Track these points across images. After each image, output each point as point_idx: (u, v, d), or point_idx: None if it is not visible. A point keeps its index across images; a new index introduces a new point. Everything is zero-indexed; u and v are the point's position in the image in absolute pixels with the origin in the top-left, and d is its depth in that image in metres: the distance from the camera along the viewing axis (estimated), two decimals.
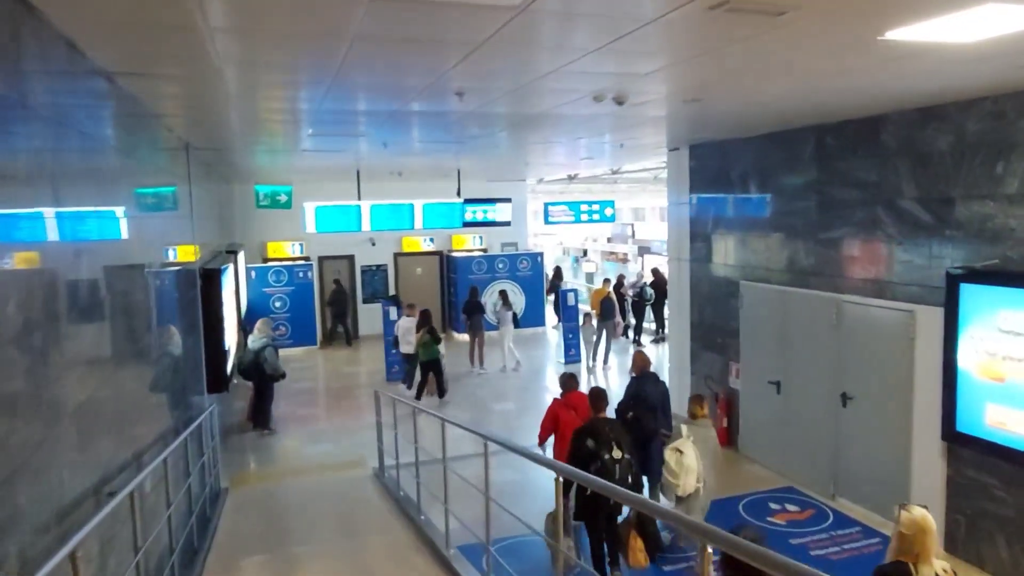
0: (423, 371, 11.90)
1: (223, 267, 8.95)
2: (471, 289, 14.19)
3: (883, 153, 6.60)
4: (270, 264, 16.24)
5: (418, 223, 12.88)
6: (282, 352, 16.03)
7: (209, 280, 8.15)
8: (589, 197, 19.45)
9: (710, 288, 9.44)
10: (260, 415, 10.36)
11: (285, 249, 16.96)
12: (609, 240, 55.23)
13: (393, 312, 13.32)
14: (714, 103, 5.55)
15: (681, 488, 5.85)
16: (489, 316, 15.04)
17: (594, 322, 13.74)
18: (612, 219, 18.70)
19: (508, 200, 13.51)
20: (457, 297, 17.37)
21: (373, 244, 17.55)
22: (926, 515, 3.24)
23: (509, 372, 13.60)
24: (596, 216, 18.30)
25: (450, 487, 6.08)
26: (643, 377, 7.19)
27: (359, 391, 12.87)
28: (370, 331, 17.49)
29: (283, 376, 10.31)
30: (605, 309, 13.45)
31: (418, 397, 11.97)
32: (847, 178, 7.06)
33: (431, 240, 18.10)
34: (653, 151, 10.36)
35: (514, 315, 13.80)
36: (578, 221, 18.42)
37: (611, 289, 14.30)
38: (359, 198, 12.55)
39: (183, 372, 6.65)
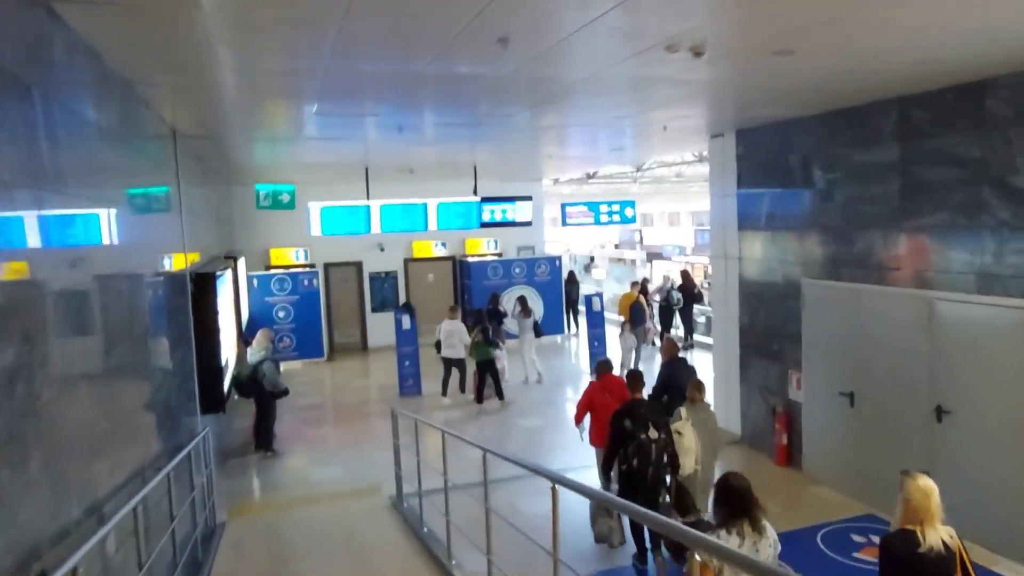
0: (479, 373, 11.33)
1: (218, 272, 7.99)
2: (491, 296, 13.19)
3: (990, 123, 5.59)
4: (273, 272, 15.29)
5: (432, 224, 11.90)
6: (286, 365, 15.12)
7: (201, 286, 7.19)
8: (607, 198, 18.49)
9: (764, 288, 8.42)
10: (261, 436, 9.37)
11: (289, 256, 16.02)
12: (617, 246, 54.41)
13: (406, 321, 12.33)
14: (807, 57, 4.55)
15: (680, 470, 5.96)
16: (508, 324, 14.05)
17: (625, 329, 12.68)
18: (633, 220, 17.69)
19: (528, 198, 12.55)
20: (472, 304, 16.38)
21: (382, 249, 16.60)
22: (929, 482, 3.34)
23: (532, 384, 12.58)
24: (616, 217, 17.38)
25: (480, 519, 5.08)
26: (674, 362, 7.58)
27: (370, 407, 11.87)
28: (380, 342, 16.52)
29: (284, 393, 9.33)
30: (635, 315, 12.44)
31: (478, 400, 11.31)
32: (940, 155, 6.05)
33: (443, 245, 17.14)
34: (692, 138, 9.38)
35: (535, 323, 12.78)
36: (597, 223, 17.48)
37: (640, 293, 13.26)
38: (368, 197, 11.59)
39: (168, 391, 5.67)
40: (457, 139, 8.87)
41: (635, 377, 6.32)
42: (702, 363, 11.05)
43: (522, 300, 12.93)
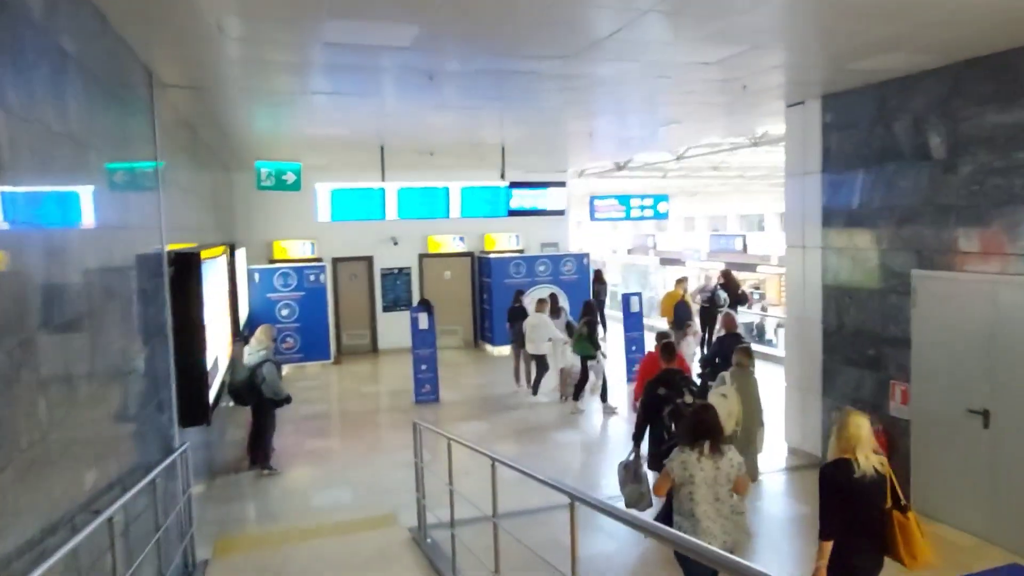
0: (583, 367, 10.31)
1: (206, 255, 6.68)
2: (516, 293, 11.84)
3: None
4: (276, 265, 13.99)
5: (455, 211, 10.57)
6: (290, 369, 13.84)
7: (183, 270, 5.87)
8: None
9: (857, 282, 7.05)
10: (257, 450, 8.04)
11: (294, 249, 14.73)
12: (629, 251, 53.06)
13: (423, 320, 10.99)
14: None
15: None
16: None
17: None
18: (666, 216, 16.46)
19: (561, 184, 11.23)
20: (492, 304, 15.07)
21: (395, 244, 15.32)
22: (861, 416, 3.89)
23: (561, 397, 11.20)
24: (648, 212, 16.16)
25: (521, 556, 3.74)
26: (729, 337, 7.93)
27: (382, 416, 10.54)
28: (393, 344, 15.22)
29: (287, 400, 7.99)
30: (679, 315, 11.08)
31: (576, 398, 10.29)
32: None
33: (461, 239, 15.83)
34: (764, 107, 8.01)
35: (568, 324, 11.39)
36: (628, 217, 16.27)
37: (684, 292, 11.89)
38: (383, 179, 10.28)
39: (129, 399, 4.36)
40: (485, 100, 7.51)
41: (668, 347, 6.74)
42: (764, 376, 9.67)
43: (553, 298, 11.57)
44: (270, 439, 8.08)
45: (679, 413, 5.48)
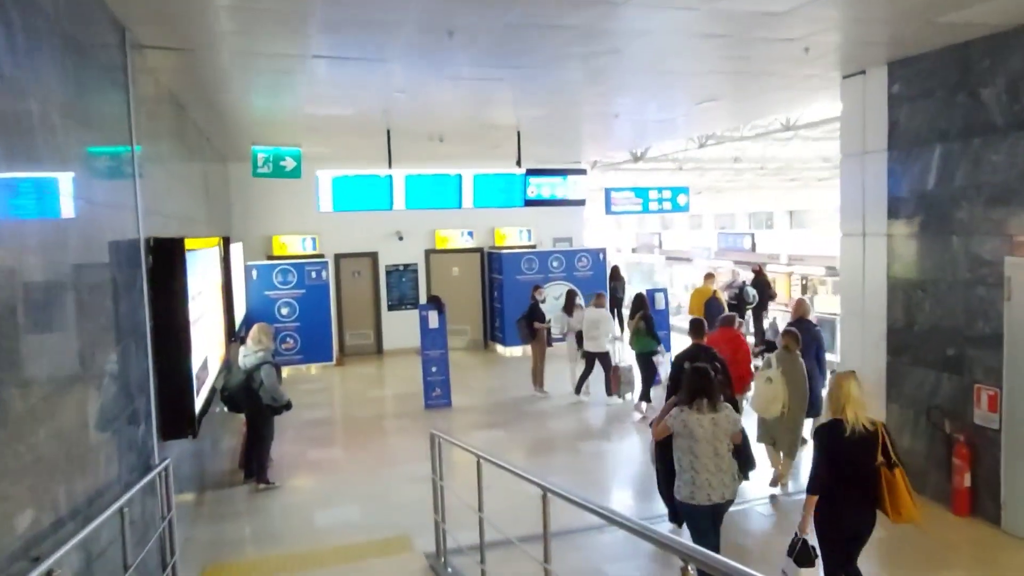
0: (643, 366, 9.55)
1: (192, 244, 5.88)
2: (534, 288, 11.00)
3: None
4: (275, 262, 13.17)
5: (467, 200, 9.75)
6: (290, 371, 13.00)
7: (165, 260, 5.06)
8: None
9: (932, 274, 6.22)
10: (253, 461, 7.22)
11: (294, 245, 13.91)
12: (634, 250, 52.24)
13: (434, 318, 10.17)
14: None
15: (766, 412, 6.54)
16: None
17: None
18: (685, 208, 15.55)
19: (582, 171, 10.40)
20: (503, 302, 14.24)
21: (401, 239, 14.51)
22: (848, 376, 4.25)
23: (581, 398, 10.37)
24: (667, 204, 15.25)
25: None
26: (799, 323, 7.62)
27: (390, 423, 9.72)
28: (398, 344, 14.40)
29: (287, 407, 7.16)
30: (711, 313, 10.22)
31: (645, 399, 9.43)
32: None
33: (470, 234, 15.00)
34: (819, 77, 7.18)
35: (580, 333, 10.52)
36: (646, 210, 15.39)
37: (716, 288, 11.04)
38: (390, 166, 9.46)
39: (97, 409, 3.54)
40: (505, 69, 6.69)
41: (699, 325, 6.99)
42: None
43: (571, 294, 10.72)
44: (268, 449, 7.25)
45: None
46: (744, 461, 4.93)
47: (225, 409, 7.22)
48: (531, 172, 10.04)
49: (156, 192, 5.68)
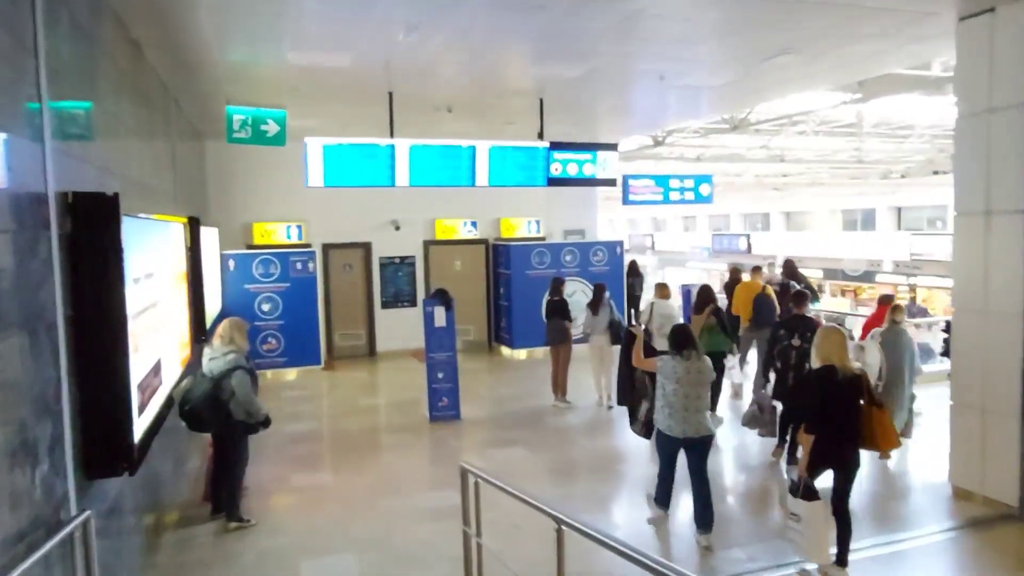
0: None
1: (143, 218, 4.45)
2: (553, 282, 9.56)
3: None
4: (256, 251, 11.66)
5: (482, 177, 8.33)
6: (271, 376, 11.50)
7: (92, 222, 3.60)
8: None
9: None
10: (223, 491, 5.72)
11: (277, 234, 12.42)
12: (627, 251, 51.01)
13: (440, 315, 8.71)
14: None
15: None
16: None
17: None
18: (709, 199, 14.23)
19: (612, 147, 9.00)
20: (511, 299, 12.82)
21: (397, 228, 13.06)
22: (834, 329, 4.83)
23: (604, 409, 8.96)
24: (689, 195, 13.94)
25: None
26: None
27: (390, 438, 8.23)
28: (393, 346, 12.96)
29: (265, 424, 5.66)
30: (760, 311, 8.85)
31: (711, 408, 7.75)
32: None
33: (473, 224, 13.56)
34: (929, 24, 5.83)
35: (613, 322, 9.11)
36: (667, 201, 14.05)
37: (766, 283, 9.65)
38: (392, 134, 8.01)
39: None
40: (530, 10, 5.30)
41: (800, 295, 7.10)
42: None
43: (600, 289, 9.29)
44: (241, 477, 5.76)
45: (784, 355, 6.67)
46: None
47: (185, 427, 5.70)
48: (555, 146, 8.64)
49: (88, 137, 4.22)
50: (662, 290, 9.12)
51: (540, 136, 8.76)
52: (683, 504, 5.72)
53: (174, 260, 5.98)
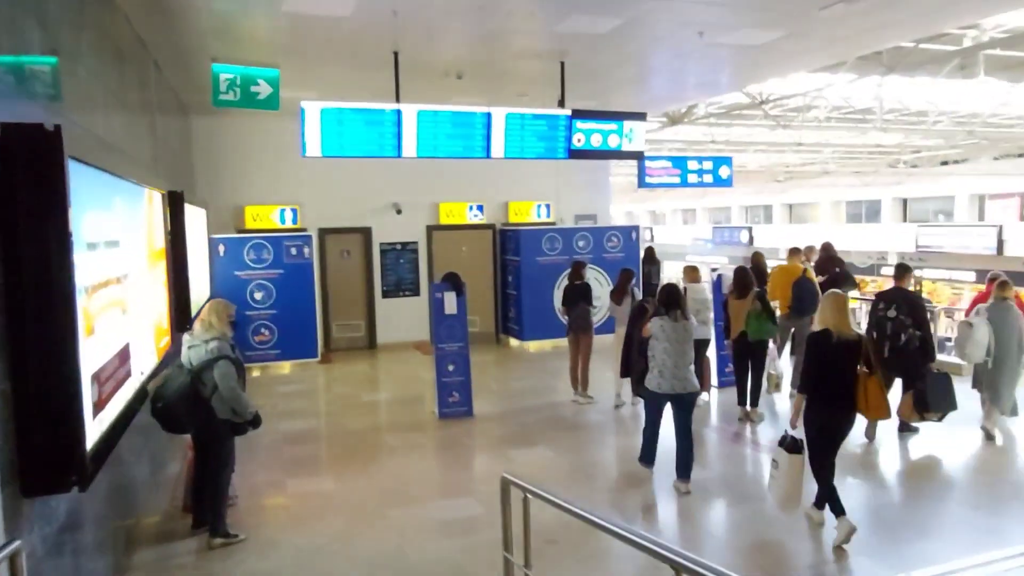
0: (754, 356, 7.56)
1: (108, 170, 3.63)
2: (574, 265, 8.73)
3: None
4: (247, 235, 10.82)
5: (497, 147, 7.51)
6: (261, 370, 10.70)
7: (25, 164, 2.77)
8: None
9: None
10: (208, 502, 4.88)
11: (271, 218, 11.57)
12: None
13: (450, 302, 7.89)
14: None
15: (962, 356, 6.91)
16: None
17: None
18: (728, 182, 13.51)
19: (642, 117, 8.18)
20: (520, 287, 12.01)
21: (399, 212, 12.21)
22: (835, 295, 4.90)
23: (627, 407, 8.13)
24: (708, 177, 13.29)
25: None
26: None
27: (396, 438, 7.38)
28: (395, 337, 12.15)
29: (254, 423, 4.82)
30: (802, 297, 8.05)
31: (753, 404, 7.59)
32: None
33: (480, 208, 12.73)
34: None
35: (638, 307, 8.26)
36: (684, 183, 13.32)
37: (810, 266, 8.82)
38: (397, 99, 7.18)
39: None
40: None
41: (903, 268, 7.00)
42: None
43: (627, 276, 8.45)
44: (226, 485, 4.93)
45: (880, 325, 6.62)
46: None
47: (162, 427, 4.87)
48: (578, 114, 7.83)
49: (39, 80, 3.39)
50: (692, 273, 8.37)
51: (561, 104, 7.94)
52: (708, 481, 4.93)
53: (149, 232, 5.16)
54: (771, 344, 8.07)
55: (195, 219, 9.28)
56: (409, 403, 8.74)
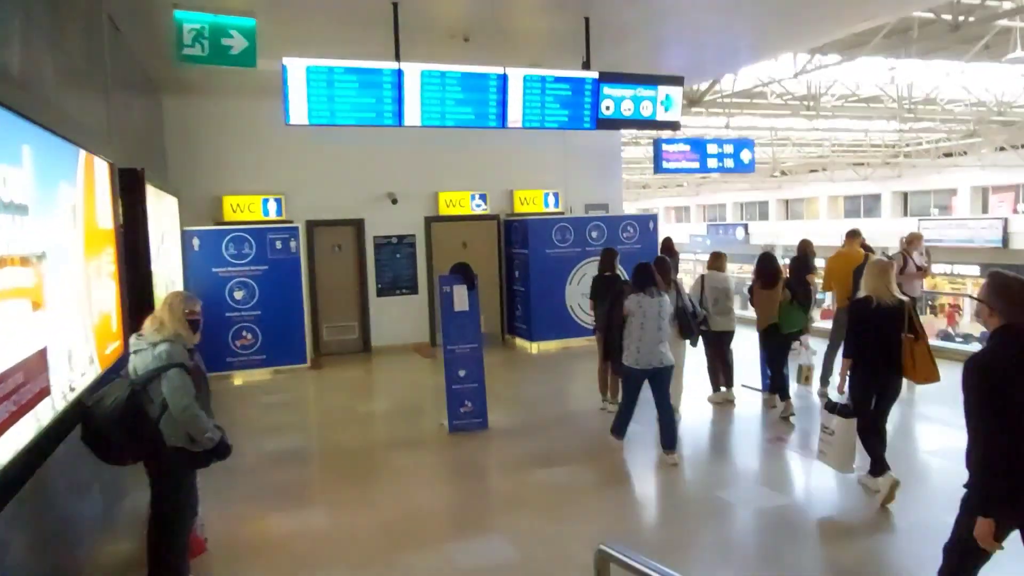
0: (778, 349, 6.99)
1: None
2: (604, 254, 7.61)
3: None
4: (227, 228, 9.66)
5: (514, 116, 6.43)
6: (249, 377, 9.54)
7: None
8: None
9: None
10: (163, 552, 3.72)
11: (253, 209, 10.44)
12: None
13: (461, 296, 6.76)
14: None
15: None
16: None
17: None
18: (750, 167, 12.55)
19: (679, 81, 7.09)
20: (529, 283, 10.93)
21: (394, 202, 11.12)
22: (878, 262, 5.10)
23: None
24: (728, 161, 12.34)
25: None
26: None
27: (400, 457, 6.21)
28: (391, 339, 11.08)
29: (219, 453, 3.59)
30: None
31: (783, 396, 6.91)
32: None
33: (483, 198, 11.64)
34: None
35: (679, 310, 7.08)
36: (704, 169, 12.35)
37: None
38: (397, 58, 6.08)
39: None
40: None
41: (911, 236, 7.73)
42: None
43: (661, 264, 7.32)
44: (184, 532, 3.77)
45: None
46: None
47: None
48: (607, 77, 6.76)
49: None
50: (717, 260, 7.62)
51: (586, 64, 6.86)
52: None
53: (89, 209, 4.04)
54: (803, 335, 7.54)
55: (167, 208, 8.18)
56: (412, 414, 7.63)
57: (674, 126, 7.29)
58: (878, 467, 4.80)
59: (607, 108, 6.78)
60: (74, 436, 3.47)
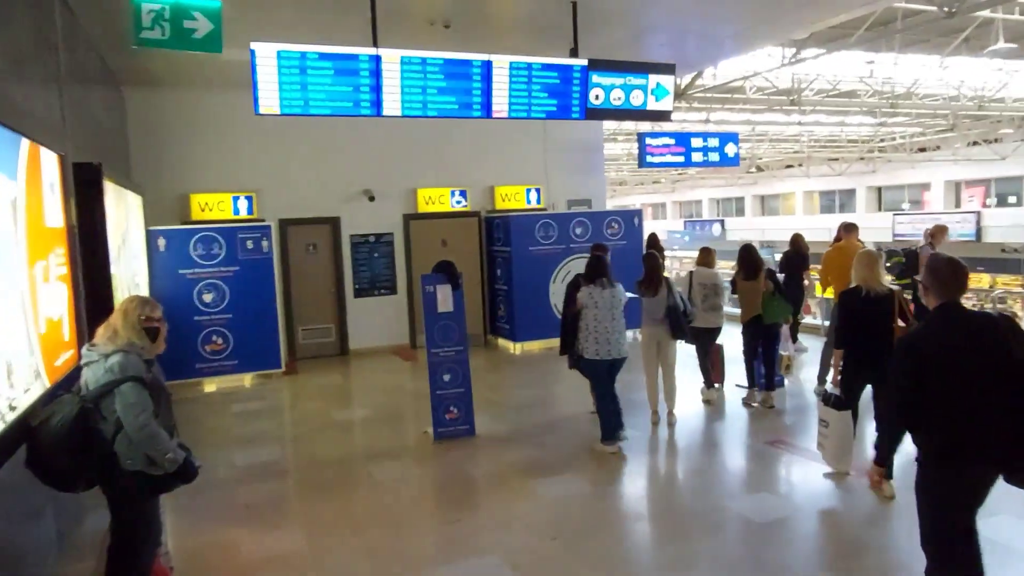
0: (767, 340, 6.92)
1: None
2: (593, 250, 7.29)
3: None
4: (194, 227, 9.18)
5: (499, 105, 6.09)
6: (223, 383, 9.08)
7: None
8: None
9: None
10: None
11: (222, 208, 9.97)
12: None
13: (444, 296, 6.39)
14: None
15: None
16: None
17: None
18: (735, 161, 12.36)
19: (670, 69, 6.79)
20: (510, 283, 10.60)
21: (371, 199, 10.72)
22: (867, 252, 5.03)
23: (665, 424, 6.75)
24: (713, 155, 12.12)
25: None
26: None
27: (383, 469, 5.81)
28: (369, 342, 10.69)
29: (184, 476, 3.21)
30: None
31: (769, 387, 6.97)
32: None
33: (463, 194, 11.28)
34: None
35: (671, 309, 6.76)
36: (688, 163, 12.12)
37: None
38: (375, 43, 5.71)
39: None
40: None
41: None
42: None
43: (651, 262, 7.04)
44: (146, 562, 3.37)
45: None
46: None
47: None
48: (596, 65, 6.44)
49: None
50: (705, 256, 7.48)
51: (574, 52, 6.53)
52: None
53: (32, 205, 3.62)
54: (784, 326, 7.48)
55: (130, 207, 7.72)
56: (394, 421, 7.26)
57: (665, 116, 6.99)
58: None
59: (596, 97, 6.46)
60: (17, 460, 3.07)
